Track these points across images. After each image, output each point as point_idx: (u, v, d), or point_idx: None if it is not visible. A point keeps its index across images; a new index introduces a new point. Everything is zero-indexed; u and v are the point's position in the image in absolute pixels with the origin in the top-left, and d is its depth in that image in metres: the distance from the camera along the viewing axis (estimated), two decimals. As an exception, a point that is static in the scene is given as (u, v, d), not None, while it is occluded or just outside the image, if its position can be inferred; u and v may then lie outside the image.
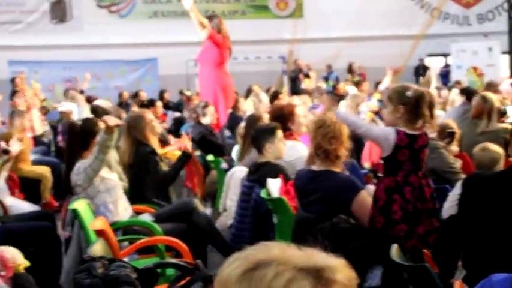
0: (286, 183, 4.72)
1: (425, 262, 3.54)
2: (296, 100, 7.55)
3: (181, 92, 15.67)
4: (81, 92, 13.19)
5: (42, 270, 4.58)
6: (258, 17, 19.97)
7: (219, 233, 5.33)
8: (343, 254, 1.30)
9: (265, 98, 9.08)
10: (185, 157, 5.82)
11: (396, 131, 3.80)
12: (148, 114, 5.91)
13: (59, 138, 10.01)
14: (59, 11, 19.83)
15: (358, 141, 6.38)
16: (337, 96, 10.73)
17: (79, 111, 9.64)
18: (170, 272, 4.23)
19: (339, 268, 1.22)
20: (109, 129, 4.73)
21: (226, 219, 5.70)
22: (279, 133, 5.07)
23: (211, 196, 7.05)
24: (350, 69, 16.91)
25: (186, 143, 6.03)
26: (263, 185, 4.69)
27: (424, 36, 20.06)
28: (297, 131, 5.75)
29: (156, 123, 6.09)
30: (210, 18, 9.91)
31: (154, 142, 5.78)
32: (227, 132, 8.80)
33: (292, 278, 1.17)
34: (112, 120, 4.79)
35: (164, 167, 5.75)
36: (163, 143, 7.52)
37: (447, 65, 19.13)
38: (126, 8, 20.03)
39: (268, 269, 1.18)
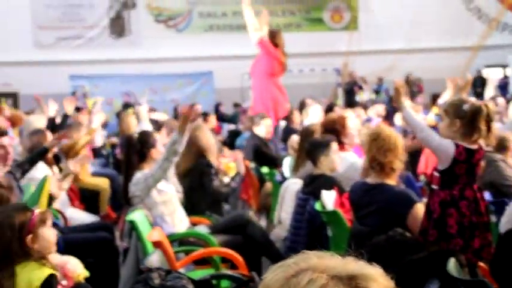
0: (341, 196, 4.72)
1: (480, 276, 3.49)
2: (349, 112, 7.52)
3: (235, 105, 15.78)
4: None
5: (100, 280, 4.67)
6: (313, 29, 19.99)
7: (273, 245, 5.34)
8: (399, 267, 1.31)
9: (318, 111, 9.08)
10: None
11: (456, 145, 3.76)
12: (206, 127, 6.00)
13: (117, 150, 10.18)
14: (118, 26, 20.26)
15: (413, 154, 6.32)
16: (393, 108, 10.65)
17: (140, 127, 9.79)
18: (225, 283, 4.25)
19: (374, 277, 1.23)
20: (183, 125, 4.79)
21: (280, 231, 5.70)
22: (334, 146, 5.07)
23: (266, 208, 7.07)
24: (407, 81, 16.76)
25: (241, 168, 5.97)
26: (318, 197, 4.69)
27: (482, 47, 19.72)
28: (349, 143, 5.74)
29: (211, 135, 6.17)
30: (272, 33, 9.89)
31: (212, 154, 5.84)
32: (281, 145, 8.83)
33: (325, 284, 1.20)
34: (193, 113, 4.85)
35: (219, 179, 5.81)
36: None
37: (506, 77, 18.76)
38: (183, 22, 20.32)
39: (304, 275, 1.22)
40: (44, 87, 18.07)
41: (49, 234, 3.01)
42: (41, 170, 5.59)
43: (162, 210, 4.98)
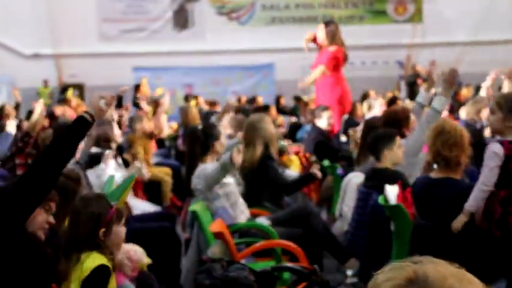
0: (404, 190, 4.65)
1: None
2: (411, 105, 7.40)
3: (296, 98, 15.73)
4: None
5: (162, 269, 4.73)
6: (376, 22, 19.75)
7: (335, 238, 5.31)
8: (465, 265, 1.27)
9: (381, 104, 8.97)
10: (310, 179, 5.83)
11: (500, 142, 3.68)
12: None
13: (179, 141, 10.29)
14: (181, 19, 20.45)
15: (479, 148, 6.17)
16: (457, 102, 10.44)
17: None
18: (286, 275, 4.25)
19: None
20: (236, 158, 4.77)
21: (342, 225, 5.67)
22: (398, 140, 4.99)
23: (327, 201, 7.03)
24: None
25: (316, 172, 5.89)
26: (380, 191, 4.64)
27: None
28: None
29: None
30: (327, 24, 9.84)
31: (274, 147, 5.84)
32: (343, 138, 8.76)
33: None
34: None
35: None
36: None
37: None
38: (246, 15, 20.37)
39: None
40: (108, 79, 18.40)
41: (121, 232, 3.05)
42: (111, 165, 5.72)
43: (224, 202, 5.00)
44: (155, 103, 12.62)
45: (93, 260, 2.83)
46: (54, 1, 19.90)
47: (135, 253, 3.45)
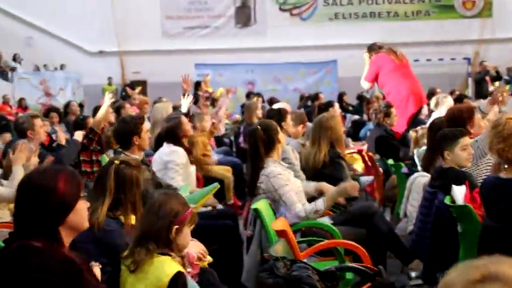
0: (472, 191, 4.51)
1: None
2: (479, 103, 7.20)
3: (359, 95, 15.57)
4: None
5: (224, 267, 4.72)
6: (443, 17, 19.37)
7: (399, 239, 5.21)
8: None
9: (449, 101, 8.75)
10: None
11: None
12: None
13: (241, 139, 10.30)
14: (244, 16, 20.54)
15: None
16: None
17: None
18: (349, 276, 4.19)
19: None
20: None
21: (406, 225, 5.56)
22: (462, 141, 4.84)
23: (391, 201, 6.91)
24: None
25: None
26: (447, 191, 4.52)
27: None
28: (476, 134, 5.49)
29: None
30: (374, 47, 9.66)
31: (341, 145, 5.77)
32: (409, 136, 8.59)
33: None
34: None
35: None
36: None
37: None
38: (308, 10, 20.30)
39: (492, 286, 1.14)
40: (170, 76, 18.58)
41: (189, 235, 3.12)
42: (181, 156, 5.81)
43: (294, 198, 4.94)
44: (214, 101, 12.73)
45: (169, 266, 2.89)
46: (119, 0, 20.25)
47: (194, 250, 3.45)
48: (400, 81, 9.31)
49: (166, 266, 2.90)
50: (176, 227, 2.98)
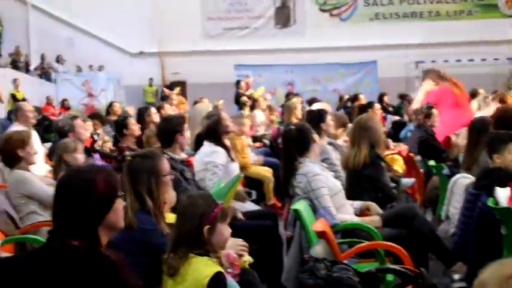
0: (517, 193, 4.43)
1: None
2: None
3: (401, 96, 15.42)
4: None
5: (264, 267, 4.72)
6: (486, 16, 19.08)
7: (441, 241, 5.13)
8: None
9: (491, 103, 8.63)
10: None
11: None
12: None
13: (280, 139, 10.29)
14: (283, 17, 20.54)
15: None
16: None
17: None
18: (390, 277, 4.15)
19: None
20: None
21: (448, 227, 5.49)
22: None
23: (432, 202, 6.83)
24: None
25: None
26: (491, 193, 4.44)
27: None
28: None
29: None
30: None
31: (381, 147, 5.73)
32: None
33: None
34: None
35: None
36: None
37: None
38: (348, 11, 20.21)
39: None
40: (210, 77, 18.71)
41: (226, 231, 3.08)
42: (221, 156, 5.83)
43: (328, 203, 4.92)
44: (254, 101, 12.75)
45: (207, 267, 2.90)
46: (160, 1, 20.42)
47: (234, 251, 3.44)
48: (458, 115, 9.10)
49: (204, 267, 2.90)
50: (207, 227, 2.97)
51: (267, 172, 8.02)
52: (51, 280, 2.35)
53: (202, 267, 2.89)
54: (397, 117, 13.23)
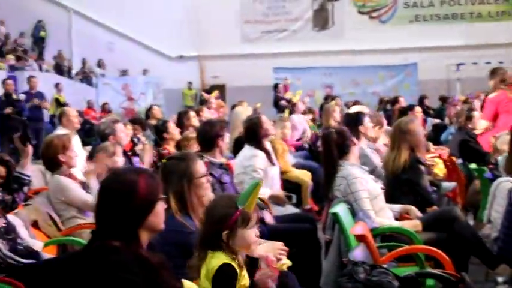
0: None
1: None
2: None
3: (442, 98, 15.25)
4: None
5: (303, 271, 4.70)
6: (529, 17, 18.75)
7: (483, 243, 5.05)
8: None
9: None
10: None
11: None
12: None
13: (319, 142, 10.26)
14: (321, 19, 20.49)
15: None
16: None
17: None
18: (430, 282, 4.09)
19: None
20: None
21: (490, 231, 5.41)
22: None
23: (474, 206, 6.73)
24: None
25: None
26: (534, 197, 4.37)
27: None
28: None
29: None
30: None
31: (421, 150, 5.66)
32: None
33: None
34: None
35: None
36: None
37: None
38: (387, 13, 20.06)
39: None
40: (248, 80, 18.75)
41: (248, 235, 3.01)
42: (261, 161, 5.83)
43: (367, 206, 4.89)
44: (293, 105, 12.74)
45: (216, 260, 2.88)
46: (199, 5, 20.55)
47: (272, 254, 3.43)
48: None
49: (215, 260, 2.88)
50: (226, 232, 2.92)
51: (305, 176, 7.99)
52: (91, 280, 2.38)
53: (213, 261, 2.88)
54: (437, 120, 13.09)
